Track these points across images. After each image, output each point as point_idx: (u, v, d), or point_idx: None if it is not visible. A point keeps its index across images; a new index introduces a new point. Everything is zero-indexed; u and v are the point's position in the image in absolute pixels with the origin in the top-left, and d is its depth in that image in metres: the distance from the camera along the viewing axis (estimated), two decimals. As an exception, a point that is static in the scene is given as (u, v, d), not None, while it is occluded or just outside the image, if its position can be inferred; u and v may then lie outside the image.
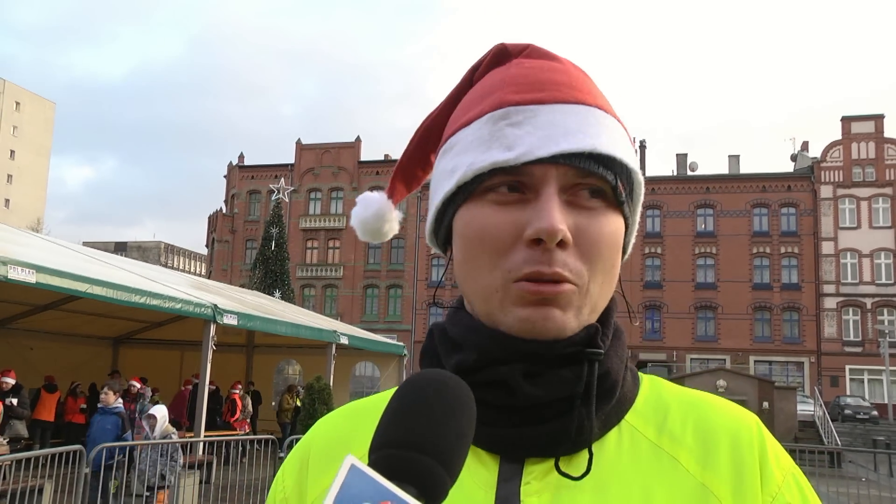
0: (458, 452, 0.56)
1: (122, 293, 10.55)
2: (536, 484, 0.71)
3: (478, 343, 0.75)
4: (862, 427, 31.82)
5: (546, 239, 0.69)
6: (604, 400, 0.74)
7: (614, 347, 0.78)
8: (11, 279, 8.56)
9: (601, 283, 0.74)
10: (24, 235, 13.92)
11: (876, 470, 20.65)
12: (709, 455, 0.73)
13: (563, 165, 0.72)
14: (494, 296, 0.73)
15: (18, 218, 72.40)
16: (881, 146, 44.35)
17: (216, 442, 12.41)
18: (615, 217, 0.75)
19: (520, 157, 0.72)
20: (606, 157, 0.73)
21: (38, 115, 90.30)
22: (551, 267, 0.70)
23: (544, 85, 0.76)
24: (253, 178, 53.98)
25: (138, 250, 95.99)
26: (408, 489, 0.51)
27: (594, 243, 0.72)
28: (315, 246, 52.08)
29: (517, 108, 0.75)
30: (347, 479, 0.49)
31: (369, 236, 0.91)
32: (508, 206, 0.73)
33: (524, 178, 0.72)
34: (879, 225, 43.71)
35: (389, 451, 0.55)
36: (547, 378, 0.72)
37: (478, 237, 0.74)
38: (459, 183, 0.76)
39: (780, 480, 0.73)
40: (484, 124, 0.76)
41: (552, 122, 0.73)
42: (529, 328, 0.72)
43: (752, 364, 43.30)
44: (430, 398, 0.58)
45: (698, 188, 46.27)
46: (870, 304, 42.89)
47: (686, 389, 0.82)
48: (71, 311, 14.87)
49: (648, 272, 45.85)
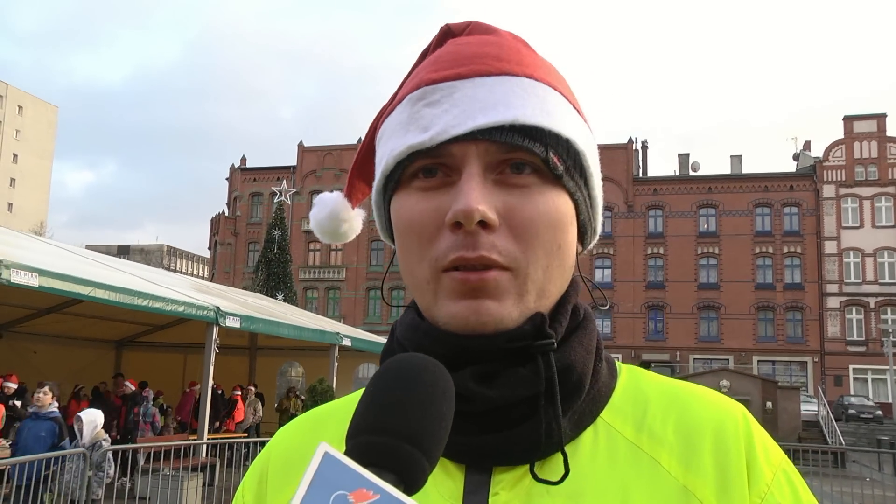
0: (437, 438, 0.53)
1: (125, 296, 10.55)
2: (505, 494, 0.66)
3: (417, 343, 0.70)
4: (866, 427, 31.75)
5: (463, 221, 0.64)
6: (571, 397, 0.69)
7: (578, 337, 0.71)
8: (14, 283, 8.55)
9: (545, 266, 0.68)
10: (27, 239, 13.93)
11: (880, 469, 20.60)
12: (692, 454, 0.68)
13: (482, 141, 0.66)
14: (427, 288, 0.69)
15: (21, 221, 72.47)
16: (883, 145, 44.26)
17: (219, 444, 12.41)
18: (554, 193, 0.68)
19: (434, 138, 0.67)
20: (533, 128, 0.66)
21: (40, 119, 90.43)
22: (475, 251, 0.65)
23: (468, 59, 0.70)
24: (255, 181, 54.03)
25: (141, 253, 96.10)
26: (385, 476, 0.48)
27: (528, 223, 0.66)
28: (317, 248, 52.09)
29: (434, 86, 0.69)
30: (321, 468, 0.47)
31: (327, 237, 0.88)
32: (432, 192, 0.68)
33: (445, 159, 0.67)
34: (882, 224, 43.61)
35: (366, 437, 0.52)
36: (504, 378, 0.67)
37: (406, 227, 0.70)
38: (385, 173, 0.72)
39: (770, 478, 0.68)
40: (404, 107, 0.71)
41: (471, 97, 0.67)
42: (462, 323, 0.66)
43: (756, 364, 43.21)
44: (406, 382, 0.55)
45: (700, 188, 46.21)
46: (873, 303, 42.80)
47: (667, 380, 0.76)
48: (74, 315, 14.86)
49: (651, 272, 45.80)
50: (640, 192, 46.65)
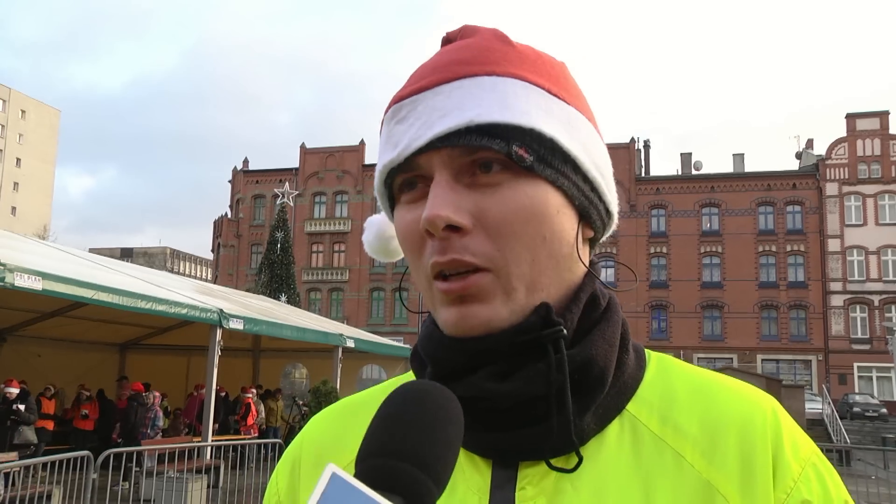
0: (445, 462, 0.54)
1: (128, 299, 10.56)
2: (532, 489, 0.67)
3: (431, 353, 0.73)
4: (871, 425, 31.67)
5: (430, 229, 0.66)
6: (593, 391, 0.69)
7: (601, 330, 0.71)
8: (18, 286, 8.57)
9: (530, 260, 0.68)
10: (30, 243, 13.96)
11: (886, 468, 20.53)
12: (716, 448, 0.67)
13: (444, 148, 0.67)
14: (427, 296, 0.72)
15: (25, 225, 72.60)
16: (886, 143, 44.17)
17: (224, 446, 12.42)
18: (528, 186, 0.68)
19: (402, 153, 0.69)
20: (491, 125, 0.67)
21: (43, 123, 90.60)
22: (445, 255, 0.66)
23: (433, 70, 0.71)
24: (257, 183, 54.07)
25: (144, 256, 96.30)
26: (393, 499, 0.49)
27: (503, 221, 0.67)
28: (320, 250, 52.11)
29: (401, 102, 0.72)
30: (328, 490, 0.47)
31: (381, 255, 0.91)
32: (414, 204, 0.70)
33: (417, 171, 0.69)
34: (886, 222, 43.52)
35: (375, 460, 0.52)
36: (521, 374, 0.68)
37: (401, 241, 0.73)
38: (378, 192, 0.76)
39: (798, 473, 0.67)
40: (384, 127, 0.74)
41: (431, 108, 0.69)
42: (454, 329, 0.68)
43: (760, 363, 43.16)
44: (416, 408, 0.55)
45: (703, 187, 46.16)
46: (877, 301, 42.71)
47: (698, 370, 0.75)
48: (77, 318, 14.87)
49: (654, 272, 45.76)
50: (642, 191, 46.63)
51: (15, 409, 11.91)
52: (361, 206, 50.95)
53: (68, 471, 8.60)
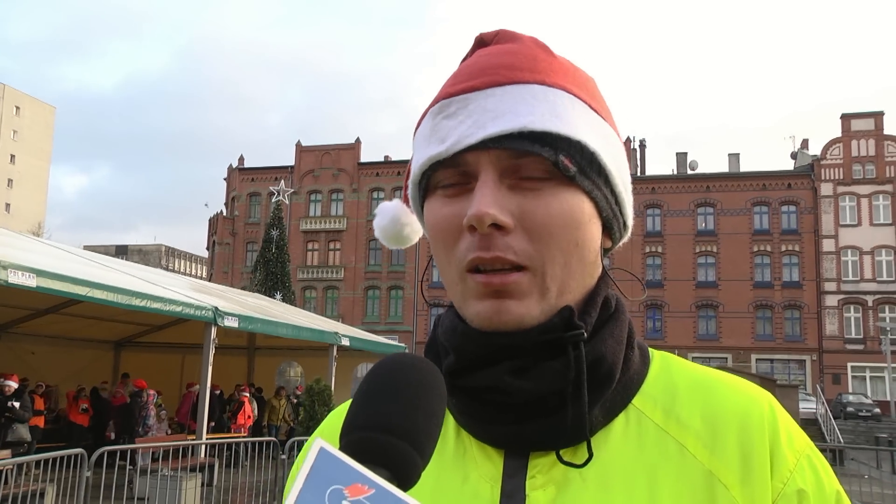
0: (429, 434, 0.55)
1: (123, 296, 10.53)
2: (541, 478, 0.71)
3: (454, 343, 0.74)
4: (864, 424, 31.77)
5: (476, 225, 0.68)
6: (602, 387, 0.72)
7: (609, 329, 0.75)
8: (12, 283, 8.55)
9: (563, 263, 0.71)
10: (25, 239, 13.91)
11: (879, 467, 20.63)
12: (717, 439, 0.71)
13: (494, 149, 0.70)
14: (456, 288, 0.74)
15: (19, 222, 72.36)
16: (881, 143, 44.29)
17: (218, 444, 12.40)
18: (569, 194, 0.72)
19: (451, 148, 0.72)
20: (542, 133, 0.70)
21: (38, 120, 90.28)
22: (490, 251, 0.69)
23: (482, 71, 0.74)
24: (253, 181, 53.97)
25: (139, 253, 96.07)
26: (379, 472, 0.50)
27: (542, 224, 0.70)
28: (316, 248, 52.05)
29: (451, 99, 0.74)
30: (317, 463, 0.48)
31: (392, 242, 0.91)
32: (454, 198, 0.73)
33: (463, 167, 0.72)
34: (880, 222, 43.65)
35: (360, 433, 0.54)
36: (537, 371, 0.71)
37: (434, 232, 0.75)
38: (413, 182, 0.78)
39: (793, 464, 0.71)
40: (428, 120, 0.77)
41: (483, 108, 0.72)
42: (486, 322, 0.71)
43: (754, 362, 43.26)
44: (397, 381, 0.57)
45: (698, 187, 46.23)
46: (871, 301, 42.83)
47: (698, 367, 0.79)
48: (72, 315, 14.84)
49: (649, 271, 45.80)
50: (638, 190, 46.51)
51: (10, 406, 11.88)
52: (357, 204, 50.89)
53: (62, 468, 8.57)
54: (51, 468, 8.51)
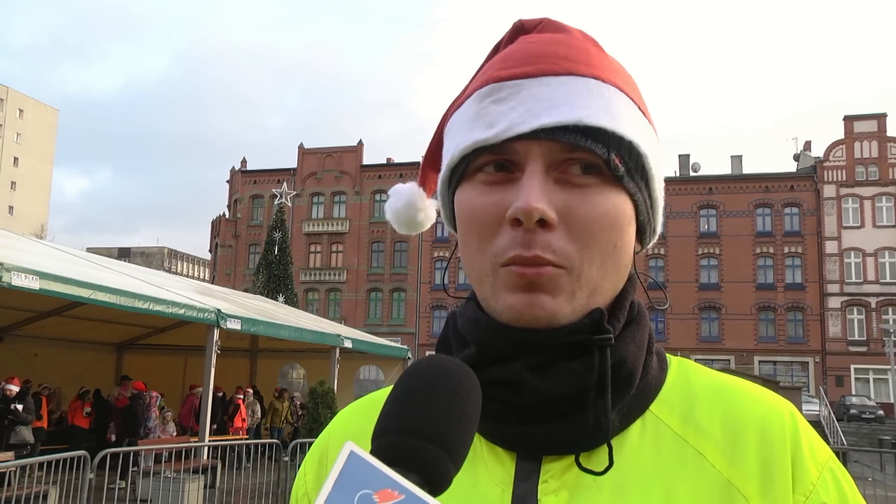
0: (462, 440, 0.54)
1: (126, 299, 10.55)
2: (554, 482, 0.68)
3: (478, 336, 0.72)
4: (868, 427, 31.72)
5: (523, 219, 0.66)
6: (621, 391, 0.70)
7: (631, 333, 0.73)
8: (15, 286, 8.56)
9: (599, 265, 0.69)
10: (27, 242, 13.94)
11: (882, 469, 20.58)
12: (736, 448, 0.68)
13: (546, 140, 0.67)
14: (486, 280, 0.70)
15: (22, 224, 72.46)
16: (884, 145, 44.24)
17: (220, 446, 12.40)
18: (613, 194, 0.69)
19: (500, 135, 0.68)
20: (596, 129, 0.68)
21: (41, 122, 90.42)
22: (530, 249, 0.66)
23: (536, 58, 0.71)
24: (255, 183, 54.03)
25: (142, 256, 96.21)
26: (410, 477, 0.48)
27: (586, 223, 0.68)
28: (318, 250, 52.08)
29: (501, 83, 0.71)
30: (347, 467, 0.47)
31: (405, 227, 0.88)
32: (495, 186, 0.70)
33: (510, 155, 0.69)
34: (883, 224, 43.59)
35: (391, 437, 0.52)
36: (556, 371, 0.68)
37: (468, 219, 0.72)
38: (450, 165, 0.74)
39: (816, 477, 0.68)
40: (472, 103, 0.73)
41: (536, 96, 0.69)
42: (517, 316, 0.68)
43: (757, 364, 43.20)
44: (433, 384, 0.55)
45: (701, 189, 46.20)
46: (874, 303, 42.76)
47: (716, 374, 0.77)
48: (74, 318, 14.86)
49: (652, 273, 45.74)
50: (640, 192, 46.62)
51: (13, 408, 11.89)
52: (359, 206, 50.92)
53: (65, 470, 8.58)
54: (53, 470, 8.52)
